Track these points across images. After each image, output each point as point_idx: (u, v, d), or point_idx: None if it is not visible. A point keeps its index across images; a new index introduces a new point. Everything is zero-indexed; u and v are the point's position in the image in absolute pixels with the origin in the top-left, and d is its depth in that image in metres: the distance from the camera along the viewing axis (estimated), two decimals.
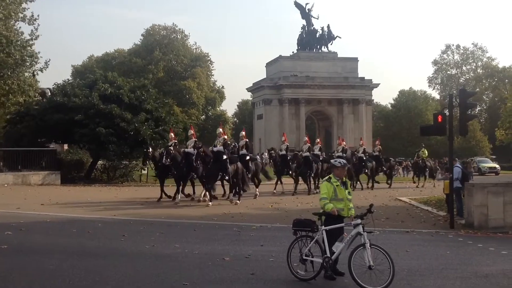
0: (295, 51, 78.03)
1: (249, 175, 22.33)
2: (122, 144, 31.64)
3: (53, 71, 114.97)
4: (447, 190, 16.89)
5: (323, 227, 8.88)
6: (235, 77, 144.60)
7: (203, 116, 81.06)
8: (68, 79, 49.78)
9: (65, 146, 30.97)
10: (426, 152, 34.78)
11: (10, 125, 36.96)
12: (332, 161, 9.82)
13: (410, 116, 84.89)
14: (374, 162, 30.79)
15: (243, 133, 23.42)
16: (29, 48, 32.72)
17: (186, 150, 21.25)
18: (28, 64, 33.14)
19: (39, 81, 39.74)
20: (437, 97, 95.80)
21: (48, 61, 34.48)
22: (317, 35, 78.19)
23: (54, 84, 39.64)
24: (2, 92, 33.43)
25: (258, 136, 78.43)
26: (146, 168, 20.12)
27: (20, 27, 33.12)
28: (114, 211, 17.59)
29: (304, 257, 8.79)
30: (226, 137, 21.20)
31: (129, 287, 8.20)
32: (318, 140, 31.08)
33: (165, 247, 11.52)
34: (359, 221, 8.63)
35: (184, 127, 41.09)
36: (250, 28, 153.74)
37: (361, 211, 8.81)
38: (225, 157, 19.88)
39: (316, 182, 26.87)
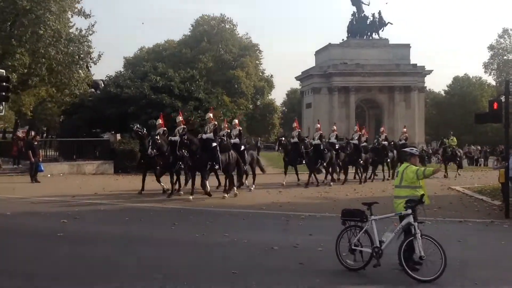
0: (345, 39, 77.06)
1: (245, 167, 20.75)
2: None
3: (106, 63, 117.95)
4: (502, 179, 16.29)
5: (372, 217, 8.78)
6: (284, 66, 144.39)
7: (252, 105, 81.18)
8: (120, 70, 51.10)
9: (118, 136, 31.67)
10: (455, 140, 32.55)
11: (65, 116, 38.29)
12: (408, 149, 9.59)
13: (465, 103, 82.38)
14: (395, 152, 27.86)
15: (236, 121, 22.07)
16: (86, 43, 33.55)
17: (172, 138, 19.51)
18: (83, 60, 34.03)
19: (93, 74, 40.82)
20: (493, 83, 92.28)
21: (101, 54, 35.30)
22: (368, 21, 76.93)
23: (107, 76, 40.76)
24: (58, 87, 34.48)
25: (307, 125, 77.92)
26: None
27: (74, 23, 33.92)
28: (164, 200, 17.90)
29: (353, 247, 8.72)
30: (216, 123, 19.48)
31: (179, 275, 8.34)
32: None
33: (214, 235, 11.64)
34: (410, 211, 8.47)
35: (233, 117, 41.43)
36: (299, 16, 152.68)
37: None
38: (214, 144, 18.19)
39: (336, 171, 25.44)
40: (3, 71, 23.84)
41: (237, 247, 10.49)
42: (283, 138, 23.94)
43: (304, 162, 23.61)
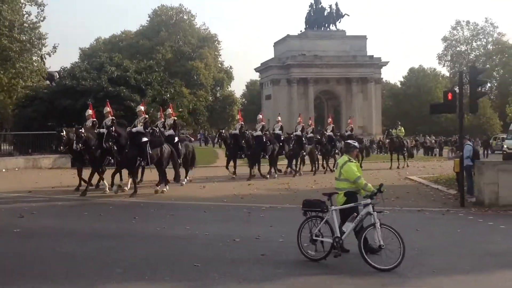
0: (303, 30, 77.49)
1: (180, 159, 19.59)
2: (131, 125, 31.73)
3: (60, 55, 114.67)
4: (457, 168, 16.79)
5: (333, 207, 8.89)
6: (243, 57, 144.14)
7: (212, 97, 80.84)
8: (76, 62, 49.93)
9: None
10: (403, 130, 32.11)
11: (19, 108, 37.15)
12: (350, 142, 9.71)
13: (420, 94, 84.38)
14: (343, 143, 27.72)
15: (170, 110, 20.67)
16: (36, 30, 32.75)
17: (101, 130, 18.33)
18: (36, 47, 33.19)
19: (49, 67, 39.87)
20: (447, 74, 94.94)
21: (57, 46, 34.54)
22: (325, 13, 77.63)
23: (62, 67, 39.73)
24: (10, 75, 33.49)
25: (267, 117, 78.05)
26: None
27: (26, 10, 33.06)
28: (124, 194, 17.66)
29: (314, 238, 8.81)
30: (147, 116, 18.64)
31: (140, 268, 8.26)
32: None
33: (175, 228, 11.58)
34: (369, 200, 8.62)
35: (193, 108, 41.24)
36: (258, 7, 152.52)
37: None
38: (144, 139, 17.17)
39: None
40: None
41: (199, 239, 10.46)
42: (223, 131, 23.56)
43: (243, 155, 23.25)
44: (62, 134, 17.63)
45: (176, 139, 19.54)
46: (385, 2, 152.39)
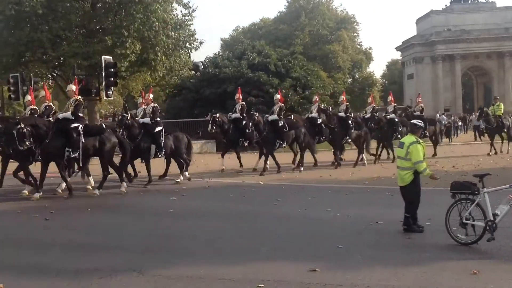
0: (448, 4, 73.19)
1: (163, 153, 16.68)
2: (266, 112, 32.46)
3: (204, 45, 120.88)
4: None
5: (485, 190, 8.31)
6: (382, 37, 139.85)
7: (350, 80, 79.55)
8: (218, 52, 52.13)
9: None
10: (502, 106, 26.24)
11: (169, 98, 39.92)
12: (416, 121, 9.79)
13: None
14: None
15: (151, 95, 17.89)
16: (187, 28, 34.91)
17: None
18: (187, 43, 35.46)
19: (193, 60, 42.25)
20: None
21: (203, 41, 36.55)
22: None
23: (206, 57, 41.85)
24: (165, 71, 35.94)
25: (409, 97, 75.27)
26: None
27: (175, 9, 35.20)
28: (266, 177, 18.08)
29: (465, 221, 8.31)
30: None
31: (284, 249, 8.41)
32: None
33: (317, 211, 11.61)
34: None
35: (332, 92, 40.97)
36: None
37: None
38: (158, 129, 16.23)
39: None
40: (111, 57, 25.26)
41: (341, 222, 10.38)
42: (217, 115, 19.28)
43: (245, 143, 19.67)
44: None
45: (158, 129, 16.50)
46: None
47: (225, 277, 6.98)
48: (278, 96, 20.19)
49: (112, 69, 23.74)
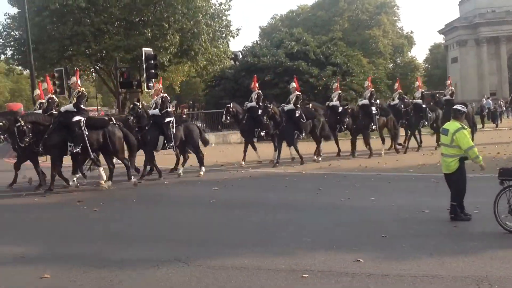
0: None
1: (172, 144, 16.19)
2: (312, 100, 32.24)
3: (242, 34, 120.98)
4: None
5: None
6: (424, 20, 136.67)
7: (392, 65, 78.18)
8: (256, 40, 52.08)
9: None
10: None
11: (209, 88, 40.18)
12: (459, 107, 9.48)
13: None
14: (439, 111, 21.72)
15: (160, 85, 17.63)
16: (224, 17, 34.96)
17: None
18: (224, 34, 35.50)
19: (232, 50, 42.31)
20: None
21: (240, 28, 36.57)
22: None
23: (244, 46, 41.93)
24: (205, 62, 36.18)
25: (454, 81, 73.46)
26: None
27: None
28: (307, 165, 18.00)
29: None
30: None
31: (327, 238, 8.36)
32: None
33: (360, 199, 11.49)
34: None
35: (373, 77, 40.36)
36: None
37: None
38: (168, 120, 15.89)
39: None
40: (151, 49, 25.56)
41: (385, 211, 10.24)
42: (231, 105, 18.87)
43: (262, 133, 18.61)
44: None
45: (169, 119, 16.12)
46: None
47: (269, 268, 6.99)
48: (294, 84, 19.15)
49: (152, 61, 24.03)
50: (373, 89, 21.23)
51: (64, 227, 10.24)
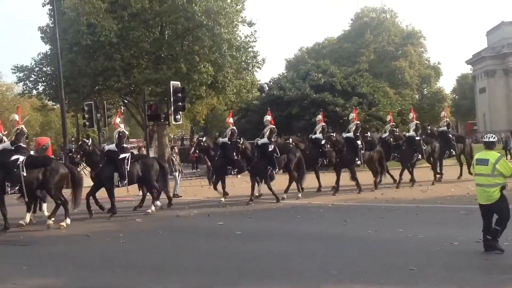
0: None
1: (126, 182, 15.55)
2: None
3: (269, 66, 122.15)
4: None
5: None
6: (451, 50, 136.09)
7: (418, 95, 77.65)
8: (282, 72, 52.52)
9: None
10: None
11: (235, 121, 40.48)
12: (490, 138, 9.52)
13: None
14: (436, 144, 20.98)
15: (118, 119, 16.68)
16: (250, 49, 35.37)
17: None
18: (251, 66, 35.83)
19: (259, 80, 42.63)
20: None
21: (265, 59, 36.75)
22: None
23: (271, 78, 42.29)
24: (232, 94, 36.51)
25: (482, 112, 72.76)
26: None
27: (240, 30, 35.68)
28: (333, 196, 17.87)
29: None
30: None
31: (354, 270, 8.26)
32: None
33: (387, 231, 11.34)
34: None
35: (399, 110, 40.16)
36: None
37: None
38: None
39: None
40: (178, 83, 25.98)
41: (413, 243, 10.07)
42: (203, 139, 18.28)
43: (233, 172, 18.29)
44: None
45: (122, 155, 15.59)
46: None
47: None
48: (269, 117, 18.43)
49: (179, 94, 24.40)
50: (358, 122, 20.59)
51: (94, 257, 10.32)
